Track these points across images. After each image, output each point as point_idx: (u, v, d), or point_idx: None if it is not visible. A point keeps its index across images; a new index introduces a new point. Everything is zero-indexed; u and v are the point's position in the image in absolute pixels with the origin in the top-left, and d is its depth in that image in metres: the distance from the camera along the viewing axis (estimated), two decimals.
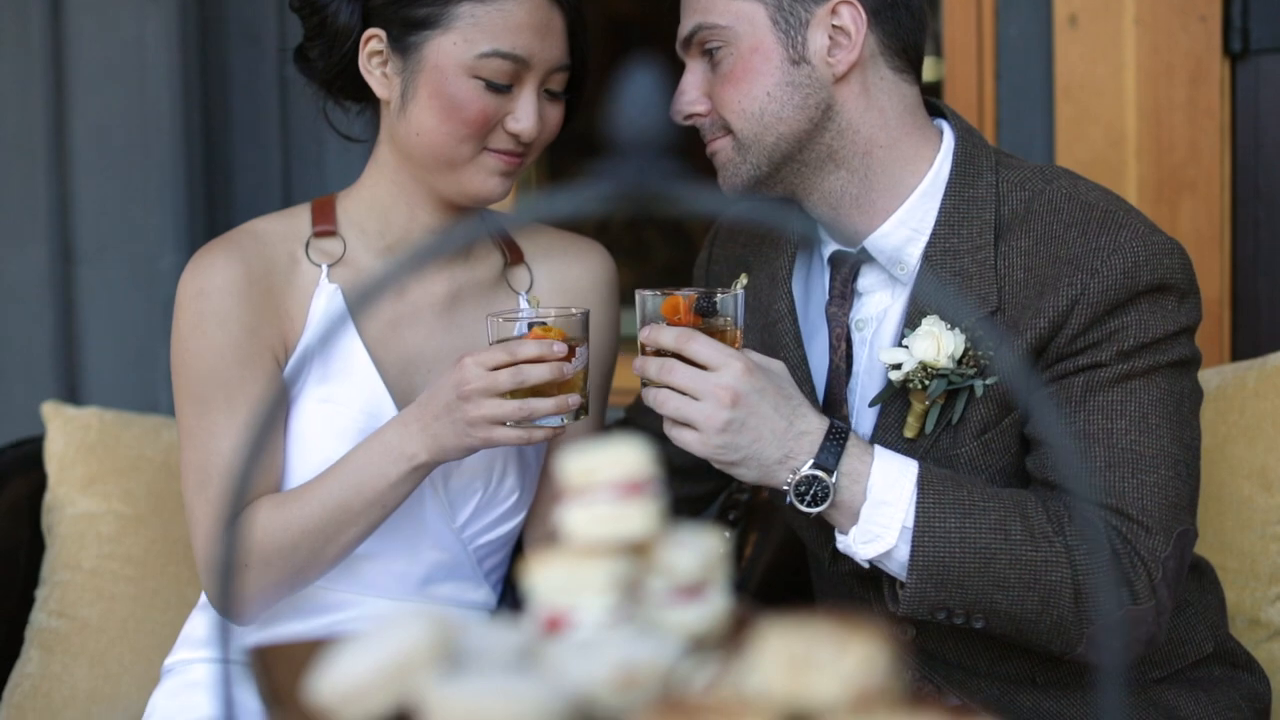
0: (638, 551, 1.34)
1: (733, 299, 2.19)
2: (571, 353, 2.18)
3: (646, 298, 2.19)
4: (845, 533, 2.14)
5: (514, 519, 2.41)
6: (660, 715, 1.04)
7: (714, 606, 1.36)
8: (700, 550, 1.35)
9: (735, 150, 2.22)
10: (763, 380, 2.10)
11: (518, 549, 2.43)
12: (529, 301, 2.39)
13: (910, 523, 2.10)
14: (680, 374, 2.11)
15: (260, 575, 2.24)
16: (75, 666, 2.84)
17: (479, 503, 2.36)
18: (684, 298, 2.17)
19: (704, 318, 2.17)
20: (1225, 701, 2.32)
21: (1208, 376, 2.64)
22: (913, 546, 2.10)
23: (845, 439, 2.12)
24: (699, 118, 2.24)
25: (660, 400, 2.12)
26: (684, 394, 2.10)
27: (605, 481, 1.32)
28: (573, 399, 2.17)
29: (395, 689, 1.16)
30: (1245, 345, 3.07)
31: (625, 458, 1.32)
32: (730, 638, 1.36)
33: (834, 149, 2.21)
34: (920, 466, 2.12)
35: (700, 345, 2.10)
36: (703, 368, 2.10)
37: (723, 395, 2.07)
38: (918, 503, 2.10)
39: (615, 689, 1.18)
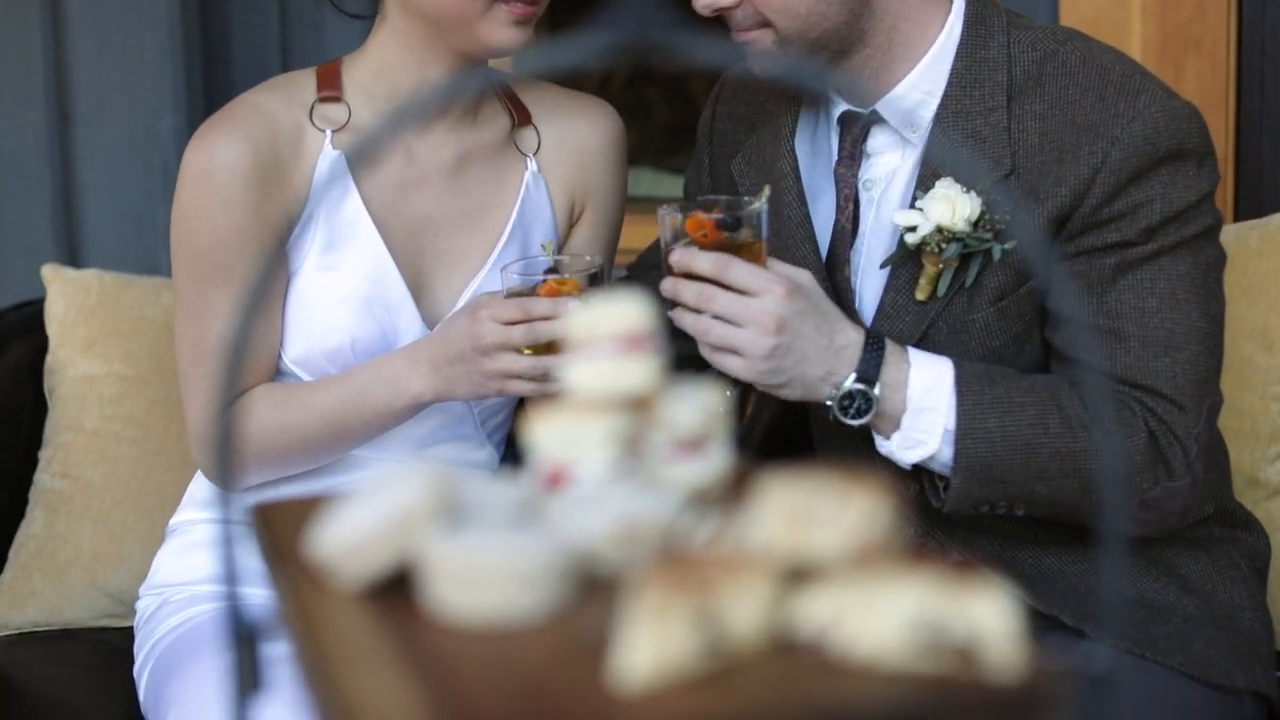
0: (639, 406, 1.34)
1: (757, 212, 2.16)
2: None
3: (667, 214, 2.16)
4: (888, 439, 2.15)
5: None
6: (661, 570, 1.04)
7: (715, 462, 1.36)
8: (701, 405, 1.35)
9: (775, 44, 2.19)
10: (803, 301, 2.09)
11: (519, 407, 2.43)
12: (544, 249, 2.36)
13: (952, 425, 2.10)
14: (722, 301, 2.08)
15: (255, 466, 2.26)
16: (79, 527, 2.85)
17: None
18: (708, 216, 2.14)
19: (729, 232, 2.14)
20: (1225, 560, 2.33)
21: None
22: (956, 448, 2.10)
23: (883, 349, 2.12)
24: (728, 10, 2.20)
25: (703, 329, 2.10)
26: (726, 320, 2.08)
27: (606, 336, 1.31)
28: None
29: (396, 544, 1.16)
30: (1248, 205, 3.05)
31: (627, 313, 1.31)
32: (731, 493, 1.37)
33: (864, 31, 2.18)
34: (956, 366, 2.12)
35: (740, 271, 2.08)
36: (741, 292, 2.08)
37: (767, 322, 2.06)
38: (958, 405, 2.10)
39: (616, 544, 1.18)
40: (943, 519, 2.22)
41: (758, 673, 1.03)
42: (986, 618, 1.02)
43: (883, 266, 2.23)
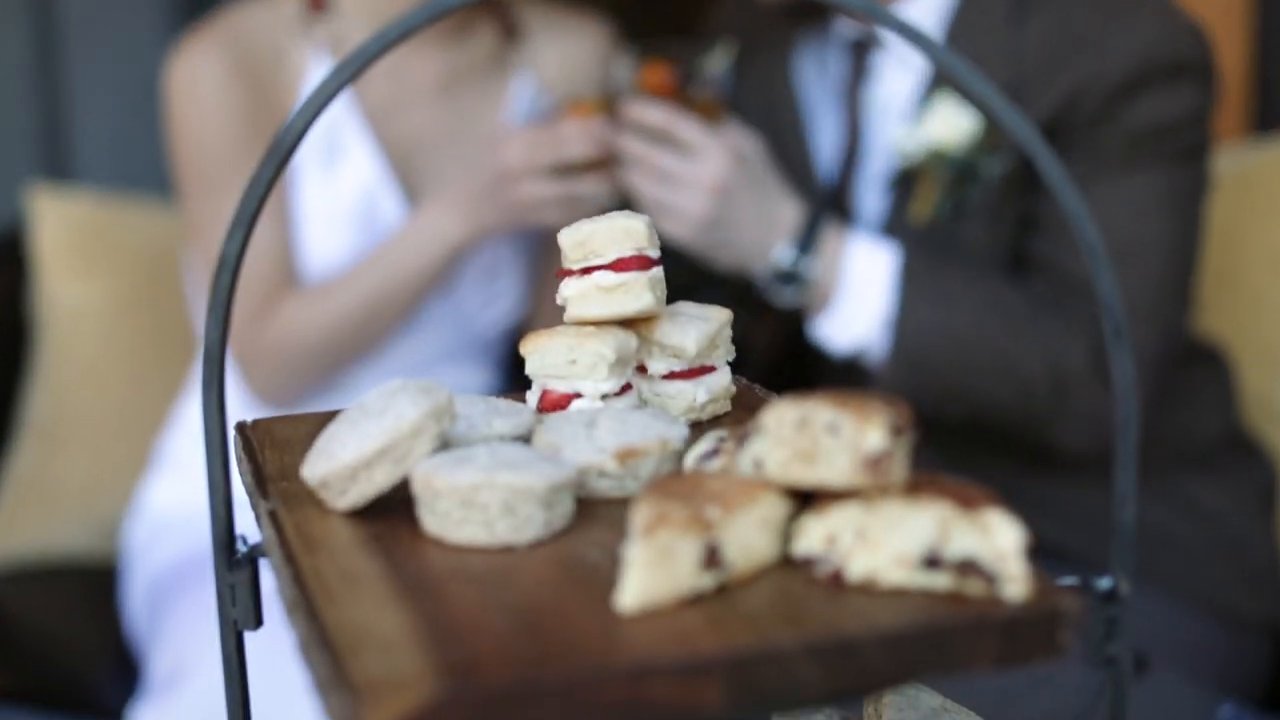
0: (639, 328, 1.31)
1: (717, 70, 2.12)
2: None
3: (624, 61, 2.13)
4: (822, 321, 2.12)
5: (514, 300, 2.38)
6: (661, 493, 1.02)
7: (715, 384, 1.33)
8: (702, 328, 1.32)
9: None
10: (746, 169, 2.06)
11: (519, 330, 2.41)
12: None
13: (887, 312, 2.08)
14: (664, 158, 2.06)
15: (305, 370, 2.23)
16: (71, 456, 2.83)
17: (479, 284, 2.33)
18: (665, 65, 2.11)
19: (685, 88, 2.11)
20: (1232, 485, 2.31)
21: (1226, 158, 2.59)
22: (893, 335, 2.08)
23: (822, 226, 2.09)
24: None
25: (638, 186, 2.08)
26: (667, 180, 2.06)
27: (606, 257, 1.28)
28: (618, 178, 2.13)
29: (391, 467, 1.13)
30: (1265, 124, 3.00)
31: (626, 233, 1.29)
32: (733, 416, 1.34)
33: None
34: (899, 253, 2.10)
35: (687, 129, 2.06)
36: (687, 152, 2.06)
37: (706, 186, 2.04)
38: (895, 291, 2.08)
39: (615, 466, 1.16)
40: (946, 447, 2.20)
41: (760, 594, 1.00)
42: (992, 539, 1.00)
43: (882, 187, 2.21)
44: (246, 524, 1.22)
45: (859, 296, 2.10)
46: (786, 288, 2.09)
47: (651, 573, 0.98)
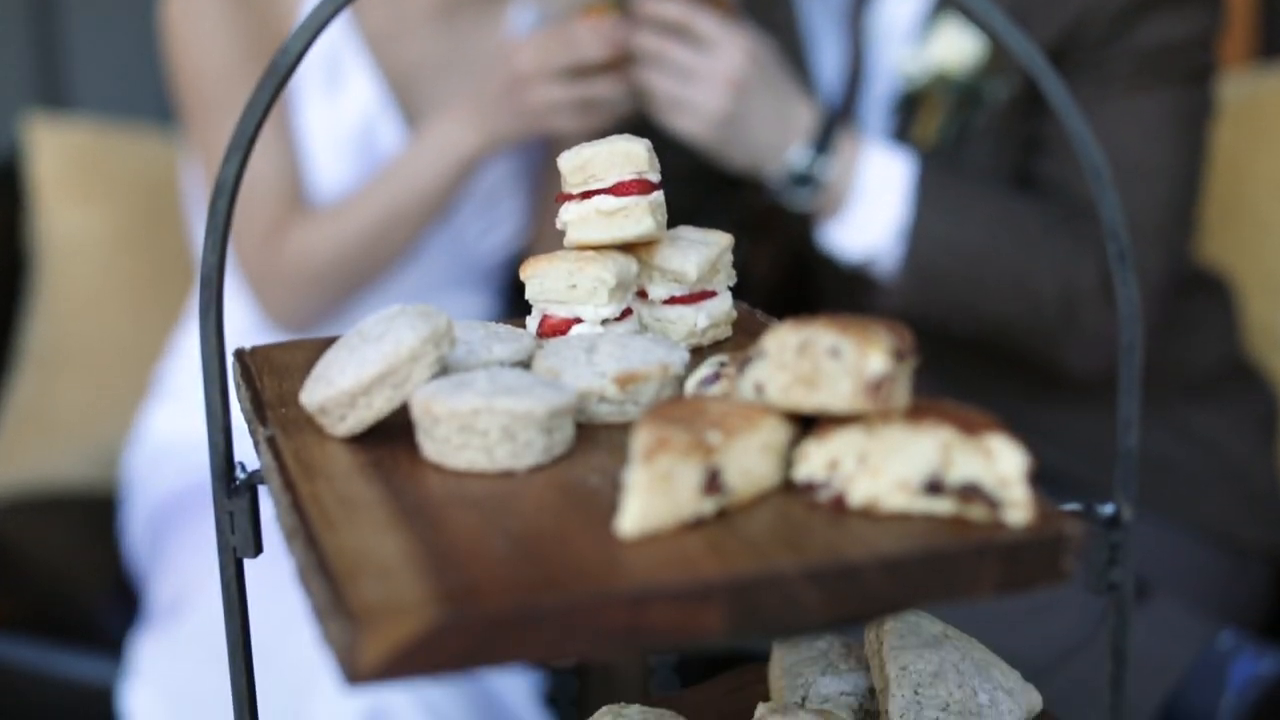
0: (639, 253, 1.30)
1: None
2: None
3: None
4: (834, 226, 2.10)
5: (514, 226, 2.37)
6: (661, 418, 1.01)
7: (716, 309, 1.33)
8: (703, 253, 1.31)
9: None
10: (762, 67, 2.03)
11: (520, 257, 2.40)
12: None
13: (900, 220, 2.06)
14: (681, 52, 2.03)
15: (319, 292, 2.22)
16: (71, 385, 2.82)
17: (479, 211, 2.32)
18: None
19: None
20: (1234, 412, 2.31)
21: (1232, 86, 2.57)
22: (907, 246, 2.06)
23: (837, 128, 2.07)
24: None
25: (653, 82, 2.04)
26: (683, 75, 2.03)
27: (606, 181, 1.27)
28: (633, 76, 2.09)
29: (390, 393, 1.13)
30: (1272, 49, 2.97)
31: (627, 157, 1.27)
32: (734, 341, 1.34)
33: None
34: (913, 163, 2.08)
35: (706, 23, 2.02)
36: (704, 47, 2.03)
37: (724, 82, 2.01)
38: (910, 199, 2.06)
39: (616, 391, 1.15)
40: (948, 373, 2.19)
41: (761, 520, 1.00)
42: (995, 464, 0.99)
43: (887, 110, 2.19)
44: (245, 451, 1.22)
45: (873, 202, 2.08)
46: (800, 190, 2.07)
47: (652, 498, 0.97)
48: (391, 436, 1.14)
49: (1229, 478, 2.27)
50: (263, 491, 1.17)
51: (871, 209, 2.08)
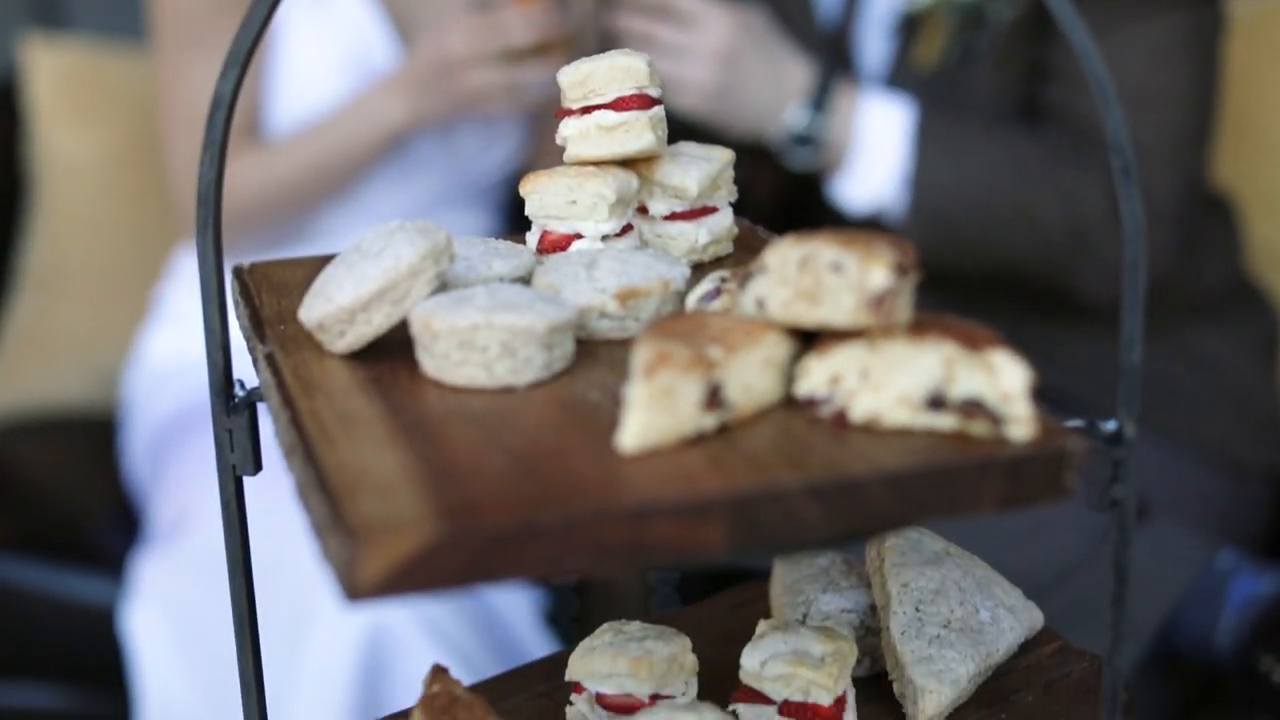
0: (639, 168, 1.29)
1: None
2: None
3: None
4: (839, 181, 2.10)
5: (514, 144, 2.36)
6: (662, 333, 1.00)
7: (717, 225, 1.32)
8: (704, 168, 1.30)
9: None
10: (750, 32, 2.03)
11: (519, 173, 2.39)
12: None
13: (904, 169, 2.06)
14: (666, 32, 2.04)
15: (242, 227, 2.22)
16: (70, 306, 2.82)
17: (478, 128, 2.30)
18: None
19: None
20: (1236, 333, 2.30)
21: (1239, 2, 2.55)
22: (912, 193, 2.06)
23: (833, 84, 2.06)
24: None
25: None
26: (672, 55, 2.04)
27: (606, 96, 1.26)
28: (561, 62, 2.10)
29: (389, 309, 1.12)
30: None
31: (627, 71, 1.26)
32: (735, 258, 1.33)
33: None
34: (914, 110, 2.07)
35: (683, 0, 2.03)
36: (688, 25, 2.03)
37: (712, 55, 2.01)
38: (911, 147, 2.05)
39: (616, 307, 1.14)
40: (949, 291, 2.19)
41: (763, 435, 0.99)
42: (997, 380, 0.99)
43: (885, 34, 2.17)
44: (245, 370, 1.21)
45: (875, 154, 2.08)
46: (802, 150, 2.07)
47: (653, 413, 0.96)
48: (391, 353, 1.14)
49: (1230, 398, 2.27)
50: (262, 410, 1.17)
51: (874, 161, 2.08)
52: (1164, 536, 2.07)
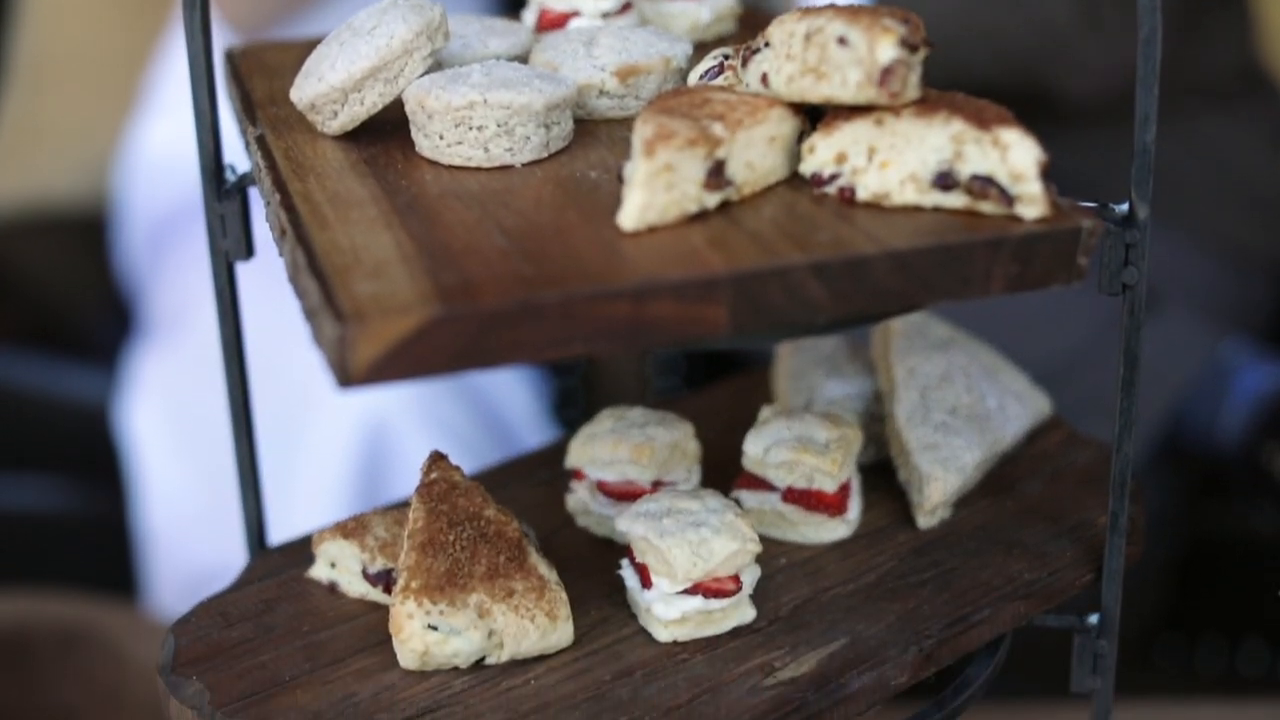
0: None
1: None
2: None
3: None
4: None
5: None
6: (663, 109, 0.97)
7: (721, 3, 1.28)
8: None
9: None
10: None
11: None
12: None
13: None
14: None
15: None
16: (61, 97, 2.78)
17: None
18: None
19: None
20: (1245, 120, 2.27)
21: None
22: None
23: None
24: None
25: None
26: None
27: None
28: None
29: (382, 88, 1.09)
30: None
31: None
32: (737, 37, 1.29)
33: None
34: None
35: None
36: None
37: None
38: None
39: (616, 85, 1.11)
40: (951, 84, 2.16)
41: (767, 213, 0.97)
42: (1008, 158, 0.96)
43: None
44: (239, 156, 1.19)
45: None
46: None
47: (654, 190, 0.94)
48: (384, 133, 1.11)
49: (1237, 187, 2.24)
50: (254, 196, 1.14)
51: None
52: (1169, 324, 2.06)
